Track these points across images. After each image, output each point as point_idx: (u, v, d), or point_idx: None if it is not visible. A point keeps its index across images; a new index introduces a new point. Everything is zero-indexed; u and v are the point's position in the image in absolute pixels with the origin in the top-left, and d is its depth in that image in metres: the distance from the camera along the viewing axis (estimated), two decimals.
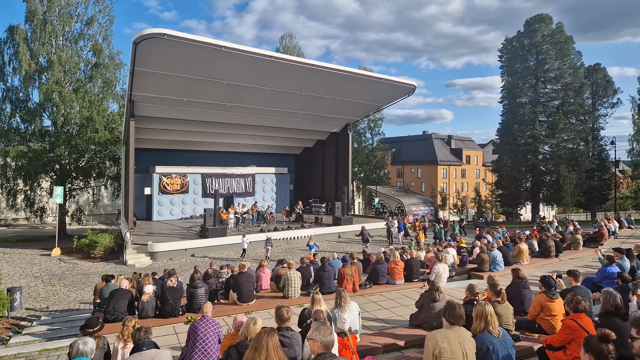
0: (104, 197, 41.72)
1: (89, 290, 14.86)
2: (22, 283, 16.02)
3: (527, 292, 7.22)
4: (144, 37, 16.53)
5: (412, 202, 46.20)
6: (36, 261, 20.23)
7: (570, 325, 4.53)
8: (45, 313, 12.60)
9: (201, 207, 27.55)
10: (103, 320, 7.92)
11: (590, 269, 11.25)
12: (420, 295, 7.23)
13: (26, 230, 34.91)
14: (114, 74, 29.99)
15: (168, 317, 8.27)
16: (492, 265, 11.60)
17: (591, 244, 15.41)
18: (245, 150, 32.47)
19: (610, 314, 4.66)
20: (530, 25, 41.15)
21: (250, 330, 4.42)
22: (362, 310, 7.20)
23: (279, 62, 20.35)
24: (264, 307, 8.96)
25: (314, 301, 5.57)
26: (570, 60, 40.60)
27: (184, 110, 23.85)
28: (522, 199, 43.81)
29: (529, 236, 15.22)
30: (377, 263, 10.63)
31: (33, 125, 27.83)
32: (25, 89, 27.79)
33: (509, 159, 42.40)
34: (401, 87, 25.55)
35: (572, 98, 39.95)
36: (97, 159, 30.85)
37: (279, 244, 22.14)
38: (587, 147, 41.54)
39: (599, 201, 44.30)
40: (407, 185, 61.78)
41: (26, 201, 29.25)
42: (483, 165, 66.80)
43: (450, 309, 3.86)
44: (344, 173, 30.74)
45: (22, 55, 26.24)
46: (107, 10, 30.06)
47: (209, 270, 10.71)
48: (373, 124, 50.26)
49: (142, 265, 18.52)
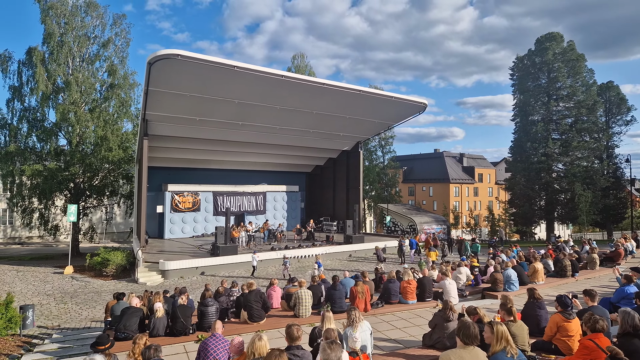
0: (116, 215, 42.22)
1: (100, 308, 14.87)
2: (35, 301, 16.12)
3: (543, 313, 7.04)
4: (158, 58, 16.93)
5: (424, 220, 45.77)
6: (49, 279, 20.38)
7: (588, 346, 4.40)
8: (56, 331, 12.61)
9: (212, 225, 27.64)
10: (114, 338, 7.91)
11: (607, 289, 10.96)
12: (434, 314, 7.10)
13: (40, 248, 35.32)
14: (128, 94, 30.67)
15: (179, 335, 8.22)
16: (506, 285, 11.36)
17: (608, 263, 15.03)
18: (257, 168, 32.69)
19: (628, 334, 4.52)
20: (541, 43, 41.29)
21: (256, 346, 4.37)
22: (374, 330, 7.09)
23: (290, 82, 20.65)
24: (275, 326, 8.87)
25: (324, 319, 5.51)
26: (583, 78, 40.49)
27: (196, 129, 24.19)
28: (536, 217, 43.18)
29: (544, 255, 14.92)
30: (389, 282, 10.50)
31: (49, 145, 28.49)
32: (42, 108, 28.52)
33: (522, 177, 41.99)
34: (412, 105, 25.64)
35: (585, 116, 39.68)
36: (110, 177, 31.35)
37: (290, 262, 22.00)
38: (601, 165, 40.99)
39: (615, 220, 43.48)
40: (419, 204, 61.37)
41: (40, 219, 29.67)
42: (496, 184, 66.19)
43: (464, 329, 3.78)
44: (355, 191, 30.68)
45: (40, 76, 27.00)
46: (124, 33, 31.00)
47: (220, 288, 10.68)
48: (384, 142, 50.32)
49: (153, 283, 18.53)
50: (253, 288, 9.48)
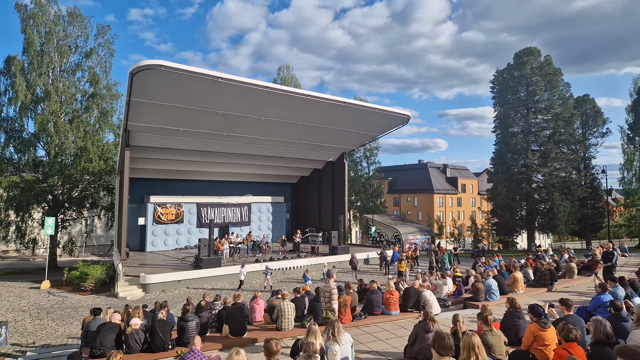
0: (97, 228, 41.35)
1: (77, 324, 14.49)
2: (9, 317, 15.64)
3: (522, 322, 7.13)
4: (141, 69, 16.82)
5: (408, 230, 46.08)
6: (24, 294, 19.80)
7: (562, 355, 4.48)
8: (31, 348, 12.24)
9: (196, 237, 27.29)
10: (89, 355, 7.73)
11: (585, 297, 11.17)
12: (414, 326, 7.11)
13: (16, 262, 34.32)
14: (110, 105, 30.28)
15: (157, 351, 8.05)
16: (487, 294, 11.48)
17: (586, 272, 15.35)
18: (242, 179, 32.53)
19: (601, 343, 4.62)
20: (519, 57, 42.32)
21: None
22: (356, 342, 7.07)
23: (275, 93, 20.69)
24: (256, 339, 8.77)
25: (309, 332, 5.46)
26: (560, 92, 41.58)
27: (179, 140, 24.02)
28: (517, 227, 43.81)
29: (524, 265, 15.15)
30: (371, 293, 10.50)
31: (27, 156, 27.87)
32: (21, 119, 27.90)
33: (504, 187, 42.66)
34: (396, 117, 25.95)
35: (563, 128, 40.66)
36: (91, 189, 30.73)
37: (275, 274, 21.81)
38: (579, 176, 41.97)
39: (593, 229, 44.49)
40: (404, 214, 61.79)
41: (17, 232, 28.85)
42: (478, 194, 67.12)
43: (439, 340, 3.82)
44: (341, 202, 30.74)
45: (19, 85, 26.48)
46: (108, 44, 30.57)
47: (202, 302, 10.52)
48: (369, 153, 50.73)
49: (133, 297, 18.15)
50: (239, 301, 9.37)
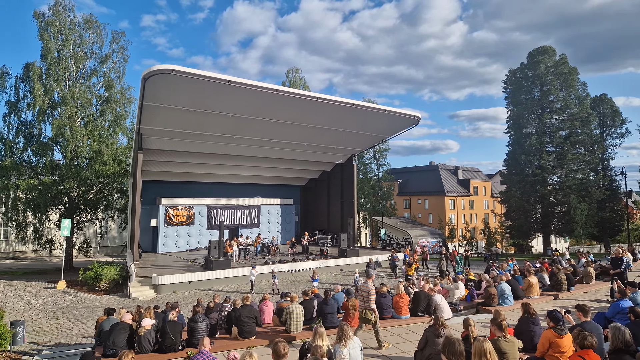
0: (111, 229, 41.93)
1: (92, 323, 14.65)
2: (26, 316, 15.89)
3: (536, 328, 6.94)
4: (153, 73, 17.01)
5: (419, 233, 45.67)
6: (41, 294, 20.11)
7: None
8: (47, 347, 12.42)
9: (206, 238, 27.46)
10: (102, 355, 7.79)
11: (603, 304, 10.90)
12: (424, 330, 7.00)
13: (34, 262, 34.92)
14: (124, 109, 30.79)
15: (168, 351, 8.08)
16: (500, 299, 11.27)
17: (604, 277, 14.98)
18: (251, 181, 32.63)
19: (619, 350, 4.47)
20: (533, 57, 41.77)
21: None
22: (365, 346, 6.98)
23: (284, 96, 20.72)
24: (266, 342, 8.75)
25: (315, 334, 5.43)
26: (576, 91, 40.86)
27: (190, 143, 24.21)
28: (532, 230, 43.09)
29: (539, 269, 14.87)
30: (380, 296, 10.39)
31: (44, 159, 28.46)
32: (38, 123, 28.67)
33: (518, 189, 42.02)
34: (405, 118, 25.76)
35: (579, 128, 39.95)
36: (105, 191, 31.24)
37: (283, 276, 21.84)
38: (597, 178, 41.15)
39: (612, 233, 43.45)
40: (414, 217, 61.26)
41: (35, 234, 29.48)
42: (491, 196, 66.28)
43: (449, 345, 3.73)
44: (350, 204, 30.61)
45: (37, 91, 27.13)
46: (122, 50, 31.18)
47: (211, 303, 10.54)
48: (378, 154, 50.46)
49: (145, 298, 18.31)
50: (247, 302, 9.36)
